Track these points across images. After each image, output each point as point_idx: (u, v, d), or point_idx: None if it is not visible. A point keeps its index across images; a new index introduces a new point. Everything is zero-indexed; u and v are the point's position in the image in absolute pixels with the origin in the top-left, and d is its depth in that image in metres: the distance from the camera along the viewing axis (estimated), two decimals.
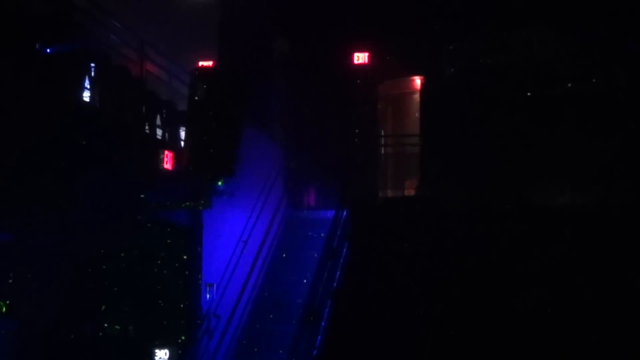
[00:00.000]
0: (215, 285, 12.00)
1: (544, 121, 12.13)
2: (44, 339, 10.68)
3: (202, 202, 11.71)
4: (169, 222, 11.43)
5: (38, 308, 10.68)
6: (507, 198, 11.97)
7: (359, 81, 14.96)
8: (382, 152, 15.77)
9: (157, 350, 10.88)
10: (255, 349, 12.67)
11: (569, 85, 12.21)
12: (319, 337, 11.74)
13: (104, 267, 11.11)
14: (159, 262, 11.28)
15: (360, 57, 14.86)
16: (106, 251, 11.13)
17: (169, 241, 11.38)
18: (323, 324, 11.97)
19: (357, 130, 15.14)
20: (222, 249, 12.62)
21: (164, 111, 13.50)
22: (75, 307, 10.94)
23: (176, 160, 12.32)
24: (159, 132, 13.36)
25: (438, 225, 12.12)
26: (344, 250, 13.14)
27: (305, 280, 13.40)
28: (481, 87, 12.77)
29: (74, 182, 10.84)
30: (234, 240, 13.14)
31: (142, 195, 11.30)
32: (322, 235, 14.08)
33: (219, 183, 12.24)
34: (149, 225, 11.30)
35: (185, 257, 11.47)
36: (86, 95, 11.92)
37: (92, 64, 12.02)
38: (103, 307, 10.97)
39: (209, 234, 11.87)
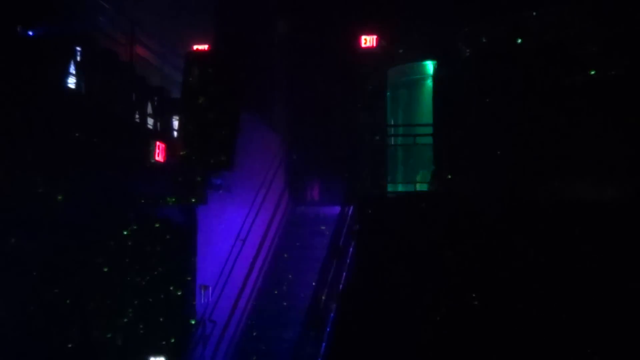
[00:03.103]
0: (210, 288, 11.99)
1: (571, 110, 11.93)
2: (26, 348, 10.56)
3: (196, 197, 11.73)
4: (160, 219, 11.37)
5: (17, 314, 10.55)
6: (530, 194, 11.77)
7: (366, 66, 14.71)
8: (392, 143, 15.62)
9: (150, 359, 10.80)
10: (254, 358, 12.60)
11: (599, 70, 11.96)
12: (324, 344, 11.65)
13: (88, 268, 10.95)
14: (149, 262, 11.19)
15: (368, 40, 14.71)
16: (91, 251, 10.99)
17: (160, 240, 11.31)
18: (328, 329, 11.88)
19: (364, 120, 15.00)
20: (218, 248, 12.58)
21: (156, 99, 13.32)
22: (59, 312, 10.80)
23: (168, 151, 12.18)
24: (150, 121, 13.19)
25: (453, 223, 11.94)
26: (351, 249, 13.04)
27: (308, 282, 13.31)
28: (501, 72, 12.52)
29: (56, 175, 10.73)
30: (231, 239, 13.10)
31: (131, 190, 11.22)
32: (327, 232, 14.05)
33: (215, 177, 12.29)
34: (138, 222, 11.21)
35: (178, 257, 11.42)
36: (71, 82, 11.76)
37: (78, 48, 11.88)
38: (90, 313, 10.82)
39: (204, 232, 11.85)
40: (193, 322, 11.38)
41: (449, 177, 12.90)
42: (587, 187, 11.58)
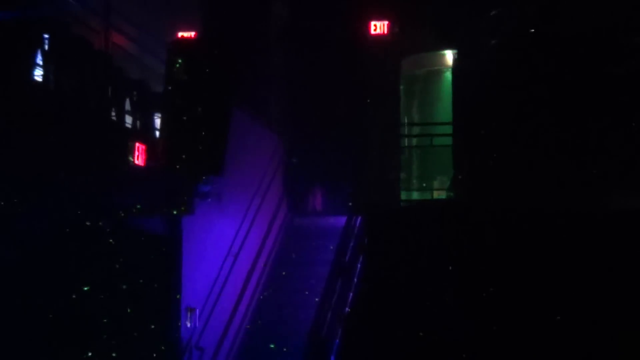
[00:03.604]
0: (198, 310, 11.98)
1: (618, 106, 11.83)
2: None
3: (181, 206, 11.75)
4: (140, 231, 11.33)
5: None
6: (563, 202, 11.70)
7: (376, 56, 14.68)
8: (406, 144, 15.71)
9: None
10: None
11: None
12: None
13: (57, 287, 10.82)
14: (126, 282, 11.11)
15: (378, 26, 14.75)
16: (60, 267, 10.88)
17: (139, 256, 11.24)
18: (333, 358, 11.88)
19: (374, 118, 15.06)
20: (207, 264, 12.58)
21: (135, 94, 13.41)
22: (22, 338, 10.68)
23: (150, 154, 12.31)
24: (129, 119, 13.19)
25: (474, 236, 11.93)
26: (358, 266, 13.07)
27: (310, 303, 13.34)
28: (530, 64, 12.49)
29: (21, 180, 10.69)
30: (222, 254, 13.12)
31: (105, 198, 11.14)
32: (331, 247, 14.05)
33: (203, 183, 12.25)
34: (114, 234, 11.14)
35: (160, 275, 11.38)
36: (38, 74, 11.71)
37: (46, 35, 11.86)
38: (54, 341, 10.67)
39: (191, 246, 11.84)
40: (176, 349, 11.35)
41: (472, 183, 12.84)
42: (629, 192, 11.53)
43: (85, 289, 10.90)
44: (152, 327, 11.12)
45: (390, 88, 15.10)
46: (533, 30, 12.89)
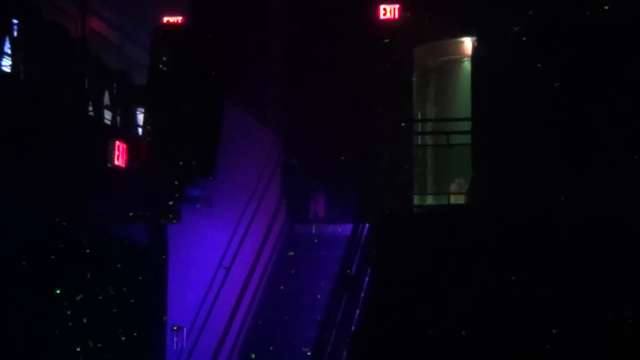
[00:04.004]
0: (185, 329, 12.10)
1: None
2: None
3: (167, 213, 11.83)
4: (120, 241, 11.37)
5: None
6: (607, 208, 11.56)
7: (386, 44, 14.60)
8: (419, 143, 15.59)
9: None
10: None
11: None
12: None
13: (23, 305, 10.49)
14: (105, 297, 11.09)
15: (388, 10, 14.60)
16: (27, 283, 10.57)
17: (119, 267, 11.26)
18: None
19: (384, 114, 14.82)
20: (196, 278, 12.72)
21: (115, 86, 13.20)
22: None
23: (131, 154, 12.12)
24: (108, 114, 13.07)
25: (498, 246, 11.74)
26: (366, 279, 13.07)
27: (311, 322, 13.44)
28: (561, 53, 12.35)
29: None
30: (213, 266, 13.28)
31: (81, 204, 11.11)
32: (336, 258, 14.09)
33: (192, 187, 12.37)
34: (90, 245, 11.08)
35: (143, 290, 11.44)
36: (6, 64, 11.61)
37: (15, 21, 11.67)
38: None
39: (178, 258, 11.96)
40: None
41: (495, 186, 12.71)
42: None
43: (56, 307, 10.76)
44: (134, 348, 11.11)
45: (401, 80, 14.84)
46: (563, 15, 12.74)
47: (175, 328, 11.85)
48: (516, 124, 12.67)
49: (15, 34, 11.74)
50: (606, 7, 12.47)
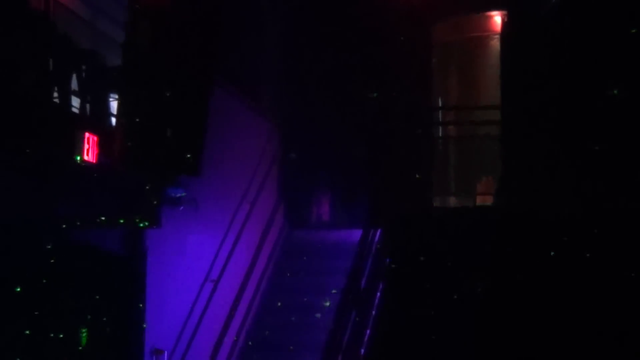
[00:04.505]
0: (166, 353, 12.09)
1: None
2: None
3: (145, 216, 11.84)
4: (90, 249, 11.29)
5: None
6: None
7: (401, 19, 14.70)
8: (440, 134, 15.75)
9: None
10: None
11: None
12: None
13: None
14: (72, 315, 11.01)
15: None
16: None
17: (89, 280, 11.19)
18: None
19: (399, 101, 14.89)
20: (179, 292, 12.72)
21: (85, 68, 13.05)
22: None
23: (103, 147, 11.92)
24: (76, 102, 12.92)
25: (535, 256, 11.74)
26: (378, 294, 13.09)
27: (313, 344, 13.40)
28: (604, 30, 12.29)
29: None
30: (199, 279, 13.28)
31: (44, 205, 10.98)
32: (342, 270, 14.02)
33: (174, 186, 12.43)
34: (55, 253, 10.97)
35: (117, 306, 11.44)
36: None
37: None
38: None
39: (158, 269, 11.97)
40: None
41: (528, 185, 12.68)
42: None
43: (12, 326, 10.57)
44: None
45: (419, 61, 15.01)
46: None
47: (154, 351, 11.84)
48: (556, 112, 12.64)
49: None
50: None
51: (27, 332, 10.54)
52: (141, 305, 11.61)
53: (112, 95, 13.59)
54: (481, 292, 11.98)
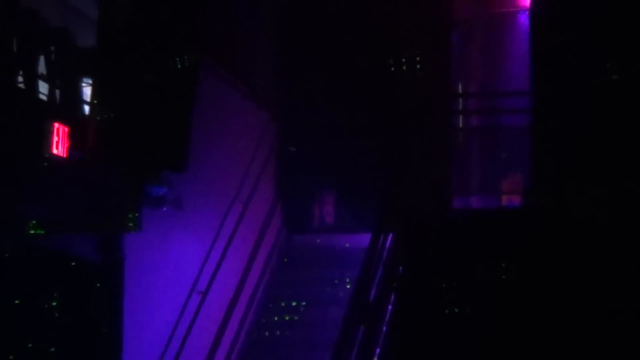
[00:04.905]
0: None
1: None
2: None
3: (123, 218, 11.89)
4: (58, 256, 11.30)
5: None
6: None
7: None
8: (461, 125, 15.75)
9: None
10: None
11: None
12: None
13: None
14: (37, 330, 10.95)
15: None
16: None
17: (57, 291, 11.14)
18: None
19: (413, 87, 15.06)
20: (162, 306, 12.74)
21: (54, 49, 13.17)
22: None
23: (75, 139, 12.01)
24: (44, 87, 13.01)
25: (569, 265, 11.50)
26: (389, 307, 12.92)
27: None
28: None
29: None
30: (184, 291, 13.27)
31: (6, 204, 10.95)
32: (348, 280, 14.35)
33: (156, 183, 12.43)
34: (19, 261, 10.97)
35: (90, 321, 11.36)
36: None
37: None
38: None
39: (137, 279, 11.95)
40: None
41: (563, 183, 12.53)
42: None
43: None
44: None
45: (436, 41, 15.08)
46: None
47: None
48: (596, 99, 12.50)
49: None
50: None
51: None
52: (118, 320, 11.55)
53: (85, 79, 13.71)
54: (509, 310, 11.78)
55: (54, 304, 11.15)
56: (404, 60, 15.08)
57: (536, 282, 11.70)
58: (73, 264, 11.34)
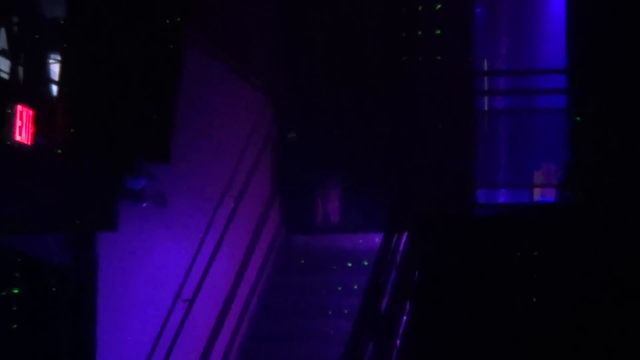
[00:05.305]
0: None
1: None
2: None
3: (96, 215, 11.78)
4: (21, 259, 11.14)
5: None
6: None
7: None
8: (486, 108, 15.77)
9: None
10: None
11: None
12: None
13: None
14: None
15: None
16: None
17: (21, 298, 11.05)
18: None
19: (430, 65, 15.08)
20: (141, 315, 12.67)
21: (16, 21, 13.07)
22: None
23: (41, 124, 11.89)
24: (5, 64, 12.87)
25: (610, 269, 11.31)
26: (404, 318, 12.98)
27: None
28: None
29: None
30: (167, 298, 13.30)
31: None
32: (356, 287, 14.25)
33: (135, 175, 12.42)
34: None
35: (59, 331, 11.28)
36: None
37: None
38: None
39: (113, 285, 11.88)
40: None
41: (606, 175, 12.53)
42: None
43: None
44: None
45: (457, 12, 15.10)
46: None
47: None
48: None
49: None
50: None
51: None
52: (90, 331, 11.46)
53: (53, 55, 13.54)
54: (541, 321, 11.56)
55: (17, 311, 11.02)
56: (420, 33, 14.96)
57: (575, 286, 11.54)
58: (37, 268, 11.21)
